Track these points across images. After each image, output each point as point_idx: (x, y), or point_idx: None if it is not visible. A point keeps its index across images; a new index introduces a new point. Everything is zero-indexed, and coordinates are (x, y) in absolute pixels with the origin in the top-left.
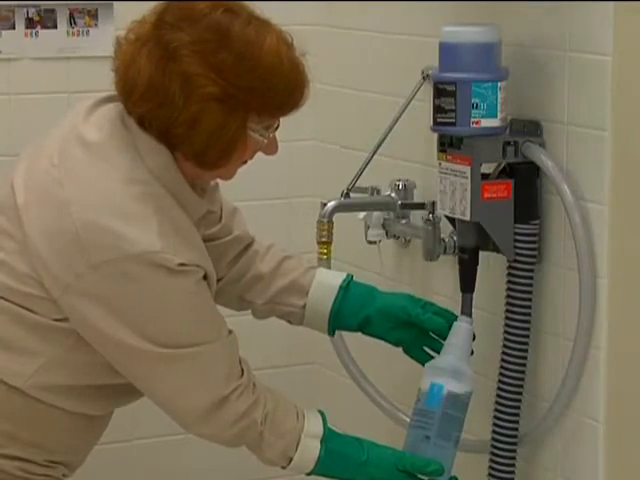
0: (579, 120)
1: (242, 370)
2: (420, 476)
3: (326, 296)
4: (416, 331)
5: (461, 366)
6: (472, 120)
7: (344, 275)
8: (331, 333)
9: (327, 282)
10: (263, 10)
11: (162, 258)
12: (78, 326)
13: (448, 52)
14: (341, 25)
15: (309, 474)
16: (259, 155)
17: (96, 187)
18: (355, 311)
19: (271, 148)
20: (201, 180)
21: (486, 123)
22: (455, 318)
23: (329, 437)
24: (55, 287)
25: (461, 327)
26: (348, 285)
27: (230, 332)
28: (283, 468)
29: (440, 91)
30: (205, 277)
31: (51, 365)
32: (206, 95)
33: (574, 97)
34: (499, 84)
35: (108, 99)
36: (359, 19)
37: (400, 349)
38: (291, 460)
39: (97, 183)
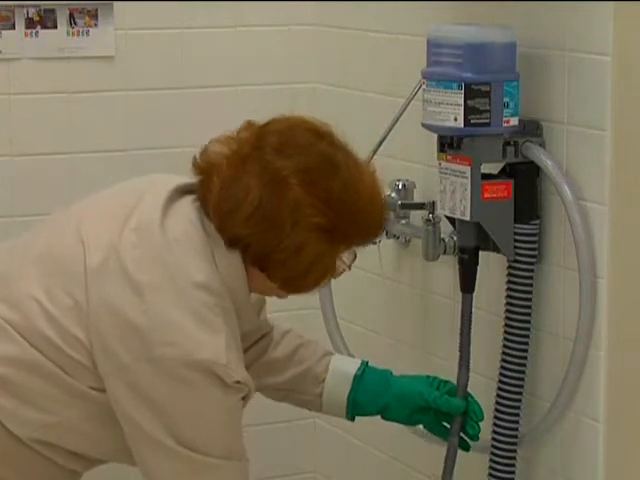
0: (579, 120)
1: None
2: None
3: (342, 385)
4: (434, 412)
5: None
6: (504, 119)
7: (359, 362)
8: (351, 419)
9: (342, 370)
10: (263, 10)
11: (224, 372)
12: (112, 403)
13: (477, 53)
14: (341, 25)
15: None
16: None
17: (174, 282)
18: (372, 399)
19: (339, 274)
20: (261, 293)
21: (513, 122)
22: (469, 396)
23: None
24: (105, 364)
25: None
26: (363, 373)
27: (247, 459)
28: None
29: (474, 92)
30: (246, 396)
31: (61, 427)
32: (313, 225)
33: (574, 97)
34: (519, 82)
35: (186, 189)
36: (359, 19)
37: (400, 349)
38: None
39: (175, 278)
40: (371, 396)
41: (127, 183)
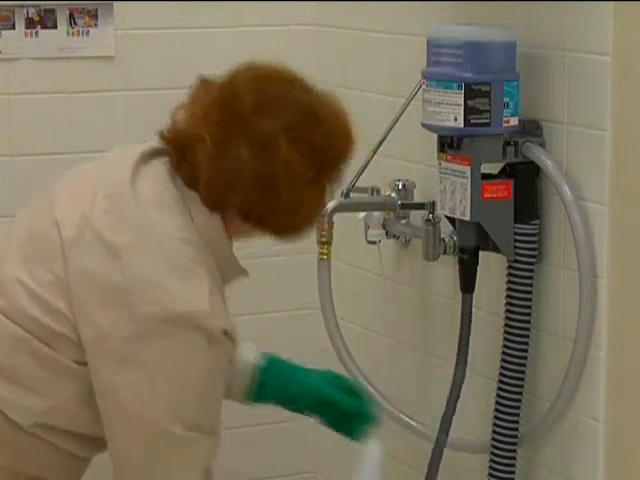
0: (579, 120)
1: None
2: None
3: (250, 364)
4: (338, 410)
5: None
6: (504, 119)
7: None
8: (254, 400)
9: (247, 355)
10: (263, 10)
11: (208, 322)
12: (92, 376)
13: (477, 53)
14: (340, 25)
15: None
16: None
17: (150, 240)
18: (281, 382)
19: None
20: (243, 240)
21: (513, 122)
22: (363, 397)
23: None
24: (87, 333)
25: (369, 452)
26: (270, 357)
27: (220, 435)
28: None
29: (474, 92)
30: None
31: (58, 410)
32: (307, 180)
33: (574, 97)
34: (519, 82)
35: (154, 153)
36: (359, 19)
37: (400, 349)
38: None
39: (151, 236)
40: (280, 378)
41: (96, 159)
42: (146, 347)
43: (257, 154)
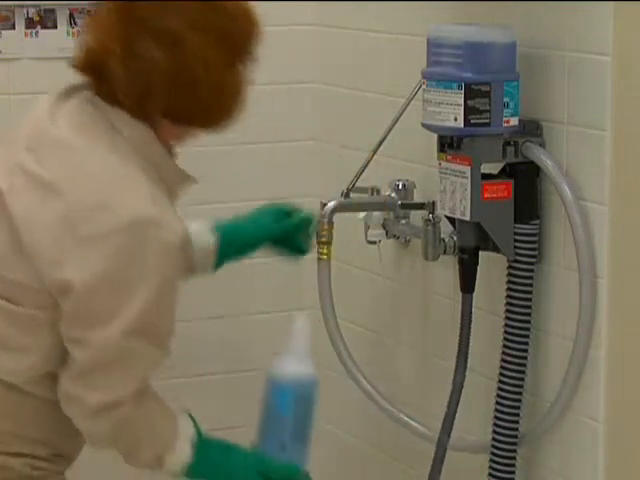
0: (579, 120)
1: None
2: (275, 477)
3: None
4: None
5: (303, 367)
6: (504, 119)
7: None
8: (220, 261)
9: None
10: (263, 10)
11: (156, 227)
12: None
13: (477, 53)
14: (341, 25)
15: (176, 476)
16: (259, 154)
17: (80, 164)
18: (235, 233)
19: None
20: (176, 143)
21: (513, 122)
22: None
23: (199, 441)
24: (44, 265)
25: (298, 326)
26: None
27: (169, 352)
28: (152, 470)
29: (474, 92)
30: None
31: (43, 361)
32: (223, 64)
33: (574, 97)
34: (519, 82)
35: (73, 90)
36: (359, 19)
37: (400, 349)
38: (163, 463)
39: (81, 161)
40: (236, 246)
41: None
42: (97, 264)
43: (167, 51)
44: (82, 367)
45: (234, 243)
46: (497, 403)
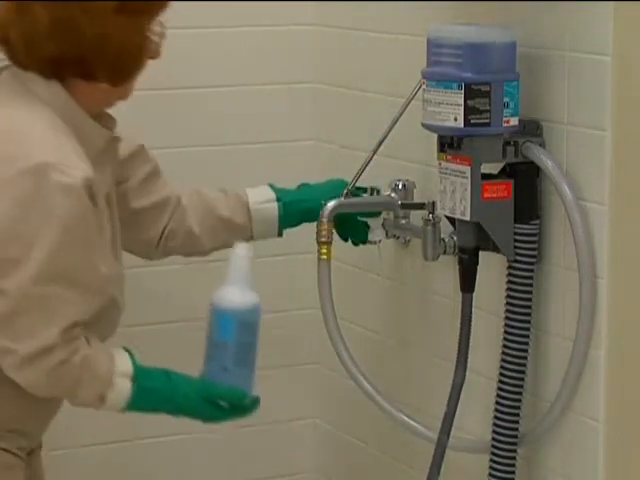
0: (579, 120)
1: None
2: (222, 403)
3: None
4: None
5: (245, 293)
6: (504, 119)
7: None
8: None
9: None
10: (263, 10)
11: (59, 170)
12: None
13: (477, 53)
14: (341, 25)
15: (121, 411)
16: (259, 154)
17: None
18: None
19: (157, 53)
20: (101, 107)
21: (513, 122)
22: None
23: (138, 374)
24: None
25: (237, 255)
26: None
27: (103, 294)
28: (96, 409)
29: (474, 92)
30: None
31: None
32: (109, 12)
33: (574, 97)
34: (519, 82)
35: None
36: (359, 19)
37: (400, 349)
38: (105, 401)
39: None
40: (297, 195)
41: None
42: (5, 207)
43: (47, 3)
44: (2, 318)
45: (296, 214)
46: (497, 403)
